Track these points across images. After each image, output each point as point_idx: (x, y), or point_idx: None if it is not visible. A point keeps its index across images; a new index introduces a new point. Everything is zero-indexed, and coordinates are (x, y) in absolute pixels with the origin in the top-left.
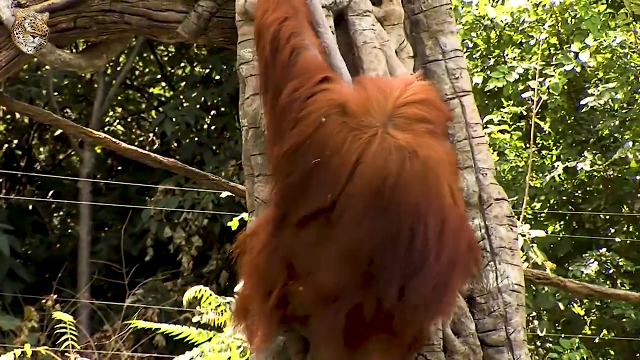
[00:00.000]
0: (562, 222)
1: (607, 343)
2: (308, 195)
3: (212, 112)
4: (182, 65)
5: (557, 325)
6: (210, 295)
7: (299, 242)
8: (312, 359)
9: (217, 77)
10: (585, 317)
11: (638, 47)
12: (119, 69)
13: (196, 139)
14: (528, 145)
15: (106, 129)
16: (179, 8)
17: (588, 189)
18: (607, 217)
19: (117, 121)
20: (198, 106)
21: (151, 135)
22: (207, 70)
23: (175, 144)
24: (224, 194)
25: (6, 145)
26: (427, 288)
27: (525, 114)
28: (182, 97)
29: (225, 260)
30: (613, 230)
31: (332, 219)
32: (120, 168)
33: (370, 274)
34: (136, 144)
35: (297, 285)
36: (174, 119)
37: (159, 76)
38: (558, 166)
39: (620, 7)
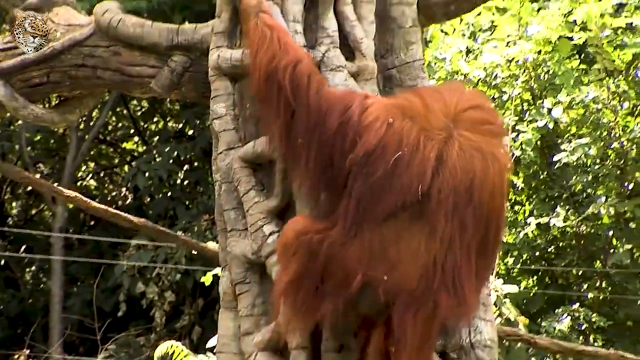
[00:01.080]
0: (535, 277)
1: None
2: (391, 189)
3: (185, 167)
4: (155, 119)
5: None
6: (182, 350)
7: (382, 237)
8: None
9: (190, 132)
10: None
11: (610, 103)
12: (91, 123)
13: (169, 193)
14: None
15: (78, 183)
16: (151, 62)
17: (560, 244)
18: (580, 273)
19: (90, 176)
20: (171, 160)
21: (123, 189)
22: (180, 125)
23: (148, 198)
24: None
25: None
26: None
27: None
28: (154, 151)
29: (198, 315)
30: (585, 286)
31: (419, 213)
32: (92, 222)
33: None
34: (108, 198)
35: (381, 273)
36: (147, 173)
37: (132, 130)
38: (531, 221)
39: (593, 62)
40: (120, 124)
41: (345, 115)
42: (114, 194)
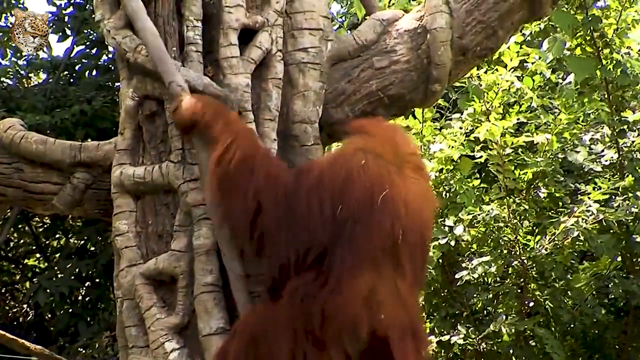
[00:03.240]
0: None
1: None
2: (379, 231)
3: (87, 283)
4: (57, 236)
5: None
6: None
7: (372, 279)
8: None
9: (92, 248)
10: None
11: (511, 221)
12: None
13: (70, 310)
14: None
15: None
16: (54, 179)
17: None
18: None
19: None
20: (72, 277)
21: (25, 306)
22: (82, 241)
23: (49, 315)
24: None
25: None
26: None
27: None
28: (56, 267)
29: None
30: None
31: (393, 253)
32: None
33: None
34: (9, 315)
35: (378, 314)
36: (48, 290)
37: (34, 247)
38: (431, 339)
39: (494, 181)
40: (22, 241)
41: (325, 176)
42: (15, 310)
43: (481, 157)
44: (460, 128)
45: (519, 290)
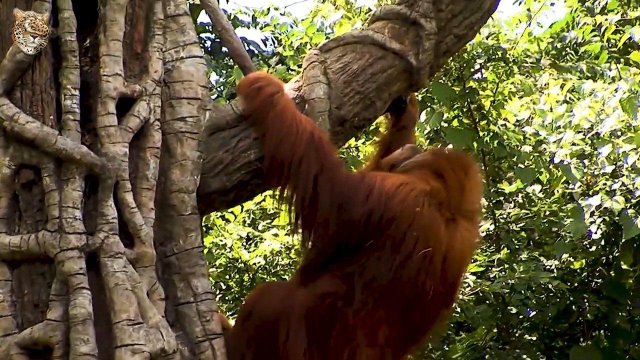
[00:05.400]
0: None
1: None
2: (408, 281)
3: None
4: None
5: None
6: None
7: (383, 315)
8: None
9: None
10: None
11: None
12: None
13: None
14: None
15: None
16: None
17: None
18: None
19: None
20: None
21: None
22: None
23: None
24: None
25: None
26: None
27: None
28: None
29: None
30: None
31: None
32: None
33: None
34: None
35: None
36: None
37: None
38: None
39: None
40: None
41: (369, 201)
42: None
43: None
44: None
45: None
